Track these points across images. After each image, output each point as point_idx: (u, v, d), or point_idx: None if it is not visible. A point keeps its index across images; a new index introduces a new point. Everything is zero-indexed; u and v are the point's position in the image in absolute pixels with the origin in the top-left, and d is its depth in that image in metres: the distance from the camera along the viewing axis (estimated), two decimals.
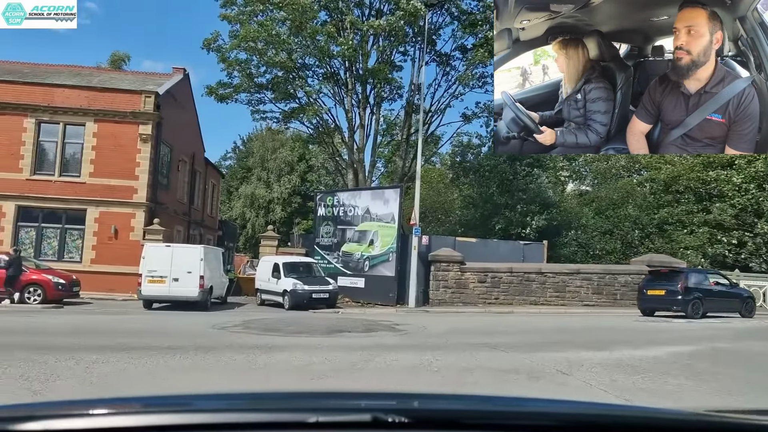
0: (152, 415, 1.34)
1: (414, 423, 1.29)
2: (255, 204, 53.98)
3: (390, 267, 22.11)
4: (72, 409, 1.42)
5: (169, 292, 18.62)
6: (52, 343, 9.39)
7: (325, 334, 11.27)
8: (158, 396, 1.93)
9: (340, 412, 1.40)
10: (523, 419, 1.45)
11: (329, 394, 2.26)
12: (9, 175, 23.36)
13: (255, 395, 2.13)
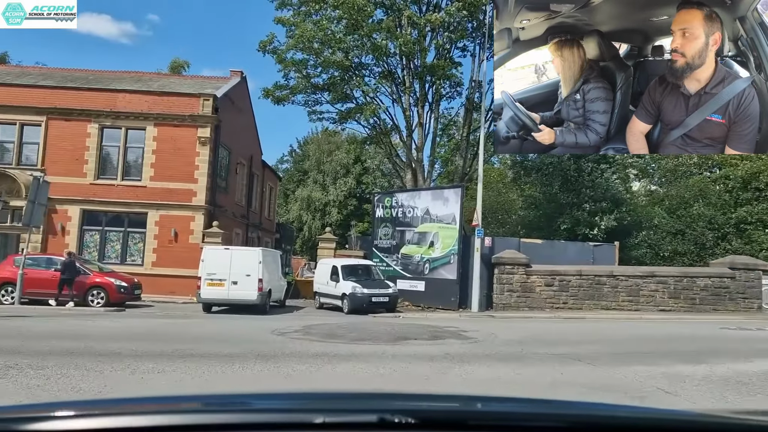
0: (158, 415, 1.33)
1: (420, 424, 1.29)
2: (311, 207, 54.05)
3: (451, 270, 21.29)
4: (78, 409, 1.40)
5: (228, 296, 18.40)
6: (110, 349, 9.08)
7: (389, 342, 10.60)
8: (166, 396, 2.02)
9: (347, 412, 1.41)
10: (530, 421, 1.44)
11: (335, 395, 2.20)
12: (74, 179, 23.79)
13: (261, 396, 2.10)
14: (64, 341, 9.70)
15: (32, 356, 8.16)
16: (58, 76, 27.90)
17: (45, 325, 12.09)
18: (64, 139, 24.00)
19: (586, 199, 28.50)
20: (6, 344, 9.11)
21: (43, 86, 25.02)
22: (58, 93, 24.57)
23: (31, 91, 24.57)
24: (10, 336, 10.19)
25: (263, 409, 1.49)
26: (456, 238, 21.26)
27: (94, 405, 1.48)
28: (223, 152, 26.04)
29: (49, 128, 24.09)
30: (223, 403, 1.63)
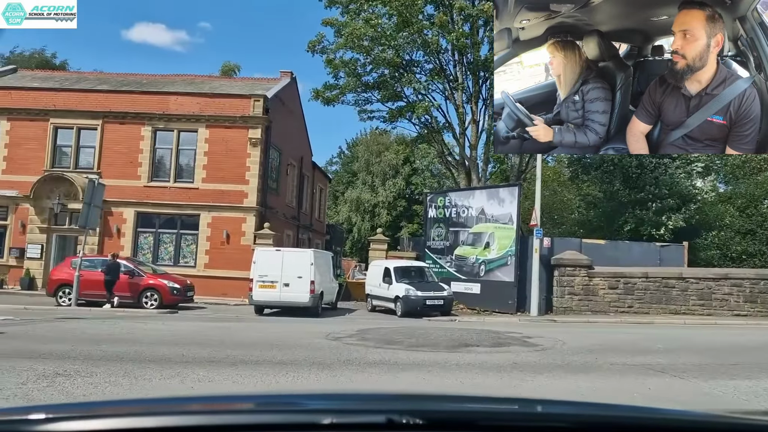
0: (166, 416, 1.33)
1: (428, 424, 1.29)
2: (360, 208, 53.83)
3: (508, 271, 20.42)
4: (88, 411, 1.42)
5: (280, 298, 18.08)
6: (161, 355, 8.75)
7: (450, 349, 9.94)
8: (176, 397, 2.35)
9: (354, 413, 1.41)
10: (538, 421, 1.45)
11: (343, 395, 2.13)
12: (129, 182, 24.04)
13: (268, 396, 2.08)
14: (115, 345, 9.44)
15: (82, 361, 7.88)
16: (113, 81, 28.38)
17: (99, 328, 11.95)
18: (119, 143, 24.29)
19: (650, 197, 27.02)
20: (58, 348, 8.90)
21: (98, 90, 25.43)
22: (113, 97, 24.91)
23: (87, 96, 24.99)
24: (63, 339, 10.02)
25: (270, 410, 1.47)
26: (513, 239, 20.38)
27: (106, 406, 1.52)
28: (273, 153, 25.88)
29: (104, 132, 24.43)
30: (229, 403, 1.61)
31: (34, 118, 24.58)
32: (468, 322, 17.07)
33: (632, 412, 1.70)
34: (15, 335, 10.39)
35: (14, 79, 28.77)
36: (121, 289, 18.69)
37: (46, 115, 24.55)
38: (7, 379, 6.63)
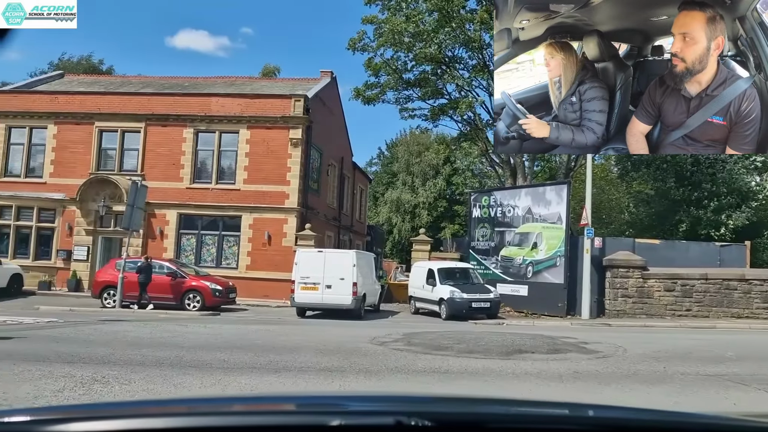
0: (170, 417, 1.34)
1: (437, 427, 1.28)
2: (401, 209, 53.30)
3: (557, 273, 19.61)
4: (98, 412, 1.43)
5: (322, 300, 17.74)
6: (201, 360, 8.42)
7: (503, 355, 9.34)
8: (179, 399, 2.44)
9: (363, 415, 1.41)
10: (547, 423, 1.44)
11: (351, 397, 2.05)
12: (171, 184, 24.13)
13: (277, 398, 2.06)
14: (155, 349, 9.18)
15: (121, 366, 7.61)
16: (156, 84, 28.65)
17: (140, 331, 11.77)
18: (161, 145, 24.40)
19: (707, 195, 25.71)
20: (98, 352, 8.67)
21: (141, 93, 25.65)
22: (156, 99, 25.06)
23: (131, 99, 25.21)
24: (105, 342, 9.83)
25: (279, 411, 1.47)
26: (562, 239, 19.57)
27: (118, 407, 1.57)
28: (314, 154, 25.63)
29: (147, 134, 24.58)
30: (237, 405, 1.62)
31: (80, 121, 24.91)
32: (517, 325, 16.38)
33: (651, 415, 1.68)
34: (58, 338, 10.26)
35: (61, 84, 29.34)
36: (163, 291, 18.67)
37: (92, 118, 24.85)
38: (44, 386, 6.38)
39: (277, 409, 1.55)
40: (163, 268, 19.34)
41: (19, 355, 8.21)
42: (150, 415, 1.41)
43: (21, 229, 24.38)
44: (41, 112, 25.14)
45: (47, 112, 25.10)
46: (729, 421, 1.67)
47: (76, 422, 1.29)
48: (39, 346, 9.13)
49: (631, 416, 1.62)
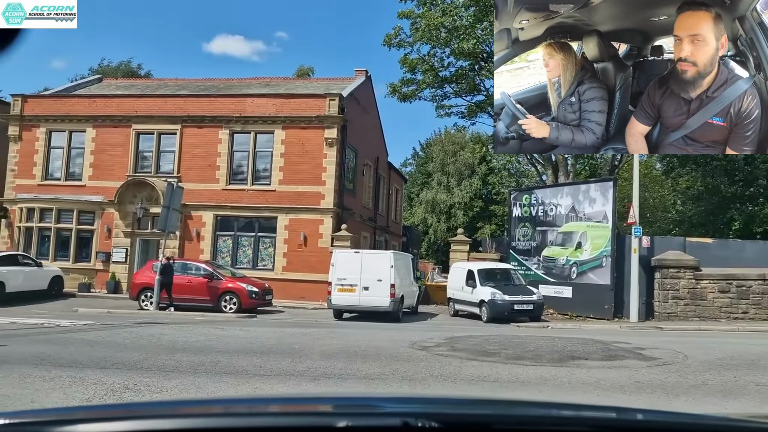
0: (176, 419, 1.35)
1: (445, 428, 1.27)
2: (436, 209, 52.61)
3: (603, 274, 18.80)
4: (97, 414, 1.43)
5: (359, 302, 17.33)
6: (237, 366, 8.07)
7: (555, 362, 8.74)
8: (185, 400, 2.36)
9: (370, 416, 1.40)
10: (555, 425, 1.45)
11: (358, 398, 2.07)
12: (207, 185, 24.07)
13: (284, 399, 2.05)
14: (190, 354, 8.87)
15: (154, 373, 7.30)
16: (191, 86, 28.72)
17: (176, 334, 11.53)
18: (197, 146, 24.38)
19: (762, 191, 24.47)
20: (131, 357, 8.40)
21: (177, 96, 25.68)
22: (191, 101, 25.06)
23: (166, 101, 25.27)
24: (139, 347, 9.58)
25: (285, 413, 1.47)
26: (608, 238, 18.76)
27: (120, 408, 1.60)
28: (349, 153, 25.28)
29: (183, 136, 24.58)
30: (245, 407, 1.60)
31: (118, 124, 25.08)
32: (562, 329, 15.70)
33: (663, 417, 1.67)
34: (93, 341, 10.07)
35: (100, 88, 29.67)
36: (199, 293, 18.54)
37: (129, 121, 24.99)
38: (74, 393, 6.09)
39: (283, 410, 1.53)
40: (200, 269, 19.22)
41: (52, 360, 8.00)
42: (158, 416, 1.40)
43: (61, 231, 24.64)
44: (80, 115, 25.40)
45: (86, 116, 25.34)
46: (739, 423, 1.65)
47: (85, 423, 1.28)
48: (73, 351, 8.92)
49: (639, 417, 1.63)
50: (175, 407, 1.64)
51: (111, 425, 1.28)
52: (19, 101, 25.95)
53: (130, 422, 1.32)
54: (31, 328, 11.99)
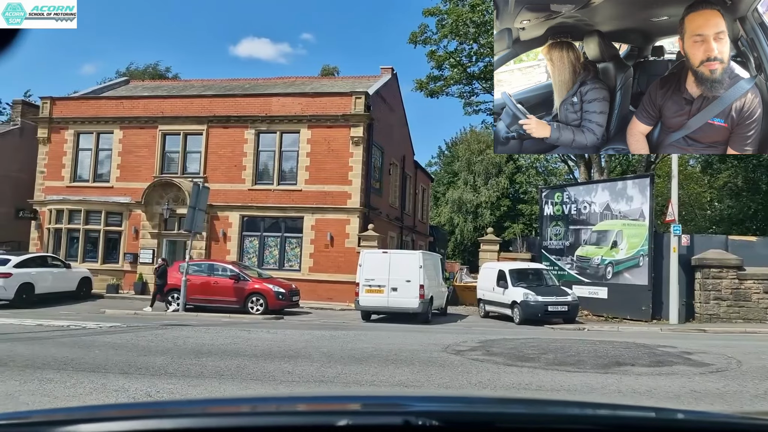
0: (173, 418, 1.31)
1: (446, 427, 1.25)
2: (462, 209, 51.95)
3: (640, 273, 18.12)
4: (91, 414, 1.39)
5: (388, 303, 16.91)
6: (265, 371, 7.73)
7: (600, 369, 8.21)
8: (182, 400, 2.35)
9: (371, 415, 1.39)
10: (558, 423, 1.41)
11: (359, 397, 2.04)
12: (234, 186, 23.92)
13: (284, 398, 1.98)
14: (216, 358, 8.56)
15: (179, 379, 6.99)
16: (217, 86, 28.65)
17: (202, 336, 11.26)
18: (223, 147, 24.24)
19: None
20: (154, 362, 8.11)
21: (203, 96, 25.59)
22: (217, 101, 24.94)
23: (192, 102, 25.19)
24: (164, 350, 9.30)
25: (285, 412, 1.45)
26: (645, 237, 18.07)
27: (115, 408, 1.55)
28: (376, 152, 24.90)
29: (209, 136, 24.47)
30: (246, 405, 1.58)
31: (144, 125, 25.09)
32: (600, 331, 15.08)
33: (664, 415, 1.63)
34: (117, 344, 9.83)
35: (126, 90, 29.79)
36: (226, 294, 18.34)
37: (155, 122, 24.97)
38: (93, 401, 5.80)
39: (284, 410, 1.50)
40: (226, 270, 19.02)
41: (75, 365, 7.75)
42: (155, 416, 1.37)
43: (90, 233, 24.71)
44: (107, 117, 25.48)
45: (113, 117, 25.40)
46: (746, 420, 1.61)
47: (86, 423, 1.26)
48: (97, 354, 8.67)
49: (644, 415, 1.59)
50: (175, 407, 1.57)
51: (112, 425, 1.26)
52: (47, 103, 26.14)
53: (132, 422, 1.28)
54: (57, 330, 11.84)
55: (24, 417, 1.37)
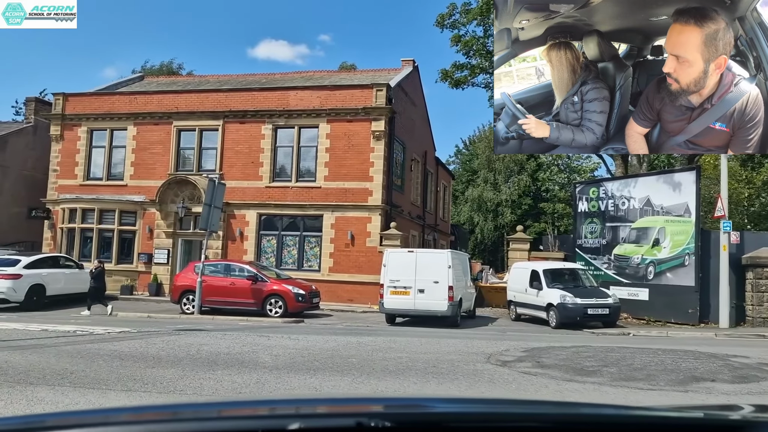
0: (189, 422, 1.29)
1: (398, 427, 1.24)
2: (482, 207, 50.71)
3: (685, 274, 16.89)
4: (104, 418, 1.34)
5: (415, 306, 15.85)
6: (289, 387, 6.73)
7: (677, 385, 7.07)
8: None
9: (324, 417, 1.37)
10: (509, 421, 1.39)
11: (312, 400, 1.97)
12: (251, 183, 23.02)
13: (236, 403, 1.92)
14: (233, 371, 7.55)
15: (188, 397, 6.00)
16: (233, 82, 27.81)
17: (218, 343, 10.28)
18: (240, 143, 23.35)
19: None
20: (163, 376, 7.13)
21: (219, 90, 24.71)
22: (233, 96, 24.05)
23: (208, 96, 24.33)
24: (175, 361, 8.33)
25: (237, 417, 1.40)
26: (691, 234, 16.84)
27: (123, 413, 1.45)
28: (397, 147, 23.83)
29: (225, 132, 23.59)
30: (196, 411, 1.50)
31: (159, 121, 24.27)
32: (647, 336, 13.88)
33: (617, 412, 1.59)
34: (124, 354, 8.87)
35: (141, 86, 29.05)
36: (243, 296, 17.41)
37: (170, 118, 24.16)
38: None
39: (235, 413, 1.44)
40: (243, 271, 18.08)
41: (74, 379, 6.80)
42: (172, 420, 1.32)
43: (103, 232, 23.94)
44: (121, 113, 24.71)
45: (127, 113, 24.63)
46: None
47: (71, 429, 1.21)
48: (100, 366, 7.72)
49: (604, 413, 1.55)
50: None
51: None
52: (60, 100, 25.44)
53: (117, 428, 1.24)
54: (61, 336, 10.94)
55: (38, 421, 1.28)
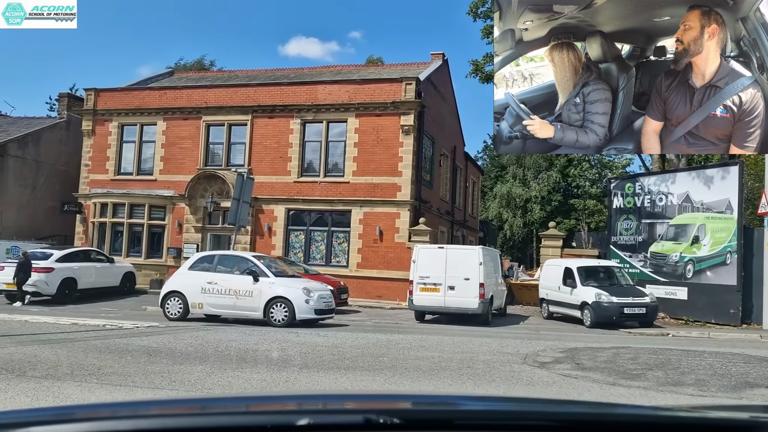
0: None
1: (406, 424, 1.23)
2: (511, 204, 50.04)
3: (727, 272, 16.25)
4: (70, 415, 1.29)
5: (445, 303, 15.53)
6: (320, 387, 6.49)
7: (728, 391, 6.66)
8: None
9: (331, 414, 1.37)
10: (518, 419, 1.38)
11: (320, 396, 1.92)
12: (279, 178, 22.91)
13: (245, 398, 1.97)
14: (261, 369, 7.36)
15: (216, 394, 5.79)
16: (262, 77, 27.75)
17: (247, 340, 10.12)
18: (268, 137, 23.25)
19: None
20: (191, 373, 6.96)
21: (247, 85, 24.65)
22: (262, 90, 23.96)
23: (237, 91, 24.29)
24: (204, 357, 8.17)
25: (247, 412, 1.41)
26: (733, 231, 16.19)
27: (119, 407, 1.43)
28: (426, 142, 23.49)
29: (254, 127, 23.52)
30: (205, 406, 1.52)
31: (188, 116, 24.32)
32: (689, 338, 13.34)
33: (619, 411, 1.61)
34: (152, 349, 8.76)
35: (170, 81, 29.19)
36: None
37: (199, 113, 24.19)
38: None
39: (242, 409, 1.44)
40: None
41: (101, 375, 6.68)
42: (134, 416, 1.28)
43: (133, 227, 24.13)
44: (151, 108, 24.83)
45: (156, 108, 24.74)
46: None
47: (100, 421, 1.21)
48: (127, 362, 7.60)
49: (601, 411, 1.56)
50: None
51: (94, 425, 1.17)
52: (92, 95, 25.67)
53: (119, 422, 1.20)
54: (91, 331, 10.91)
55: (68, 414, 1.27)
